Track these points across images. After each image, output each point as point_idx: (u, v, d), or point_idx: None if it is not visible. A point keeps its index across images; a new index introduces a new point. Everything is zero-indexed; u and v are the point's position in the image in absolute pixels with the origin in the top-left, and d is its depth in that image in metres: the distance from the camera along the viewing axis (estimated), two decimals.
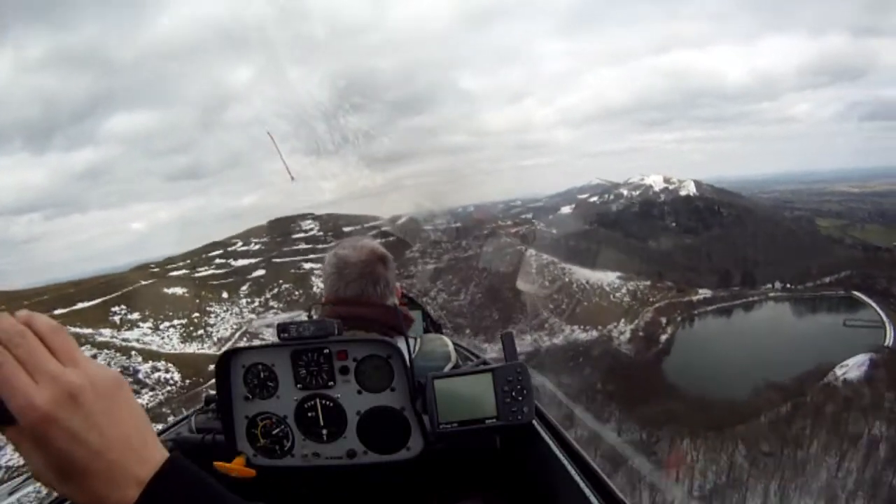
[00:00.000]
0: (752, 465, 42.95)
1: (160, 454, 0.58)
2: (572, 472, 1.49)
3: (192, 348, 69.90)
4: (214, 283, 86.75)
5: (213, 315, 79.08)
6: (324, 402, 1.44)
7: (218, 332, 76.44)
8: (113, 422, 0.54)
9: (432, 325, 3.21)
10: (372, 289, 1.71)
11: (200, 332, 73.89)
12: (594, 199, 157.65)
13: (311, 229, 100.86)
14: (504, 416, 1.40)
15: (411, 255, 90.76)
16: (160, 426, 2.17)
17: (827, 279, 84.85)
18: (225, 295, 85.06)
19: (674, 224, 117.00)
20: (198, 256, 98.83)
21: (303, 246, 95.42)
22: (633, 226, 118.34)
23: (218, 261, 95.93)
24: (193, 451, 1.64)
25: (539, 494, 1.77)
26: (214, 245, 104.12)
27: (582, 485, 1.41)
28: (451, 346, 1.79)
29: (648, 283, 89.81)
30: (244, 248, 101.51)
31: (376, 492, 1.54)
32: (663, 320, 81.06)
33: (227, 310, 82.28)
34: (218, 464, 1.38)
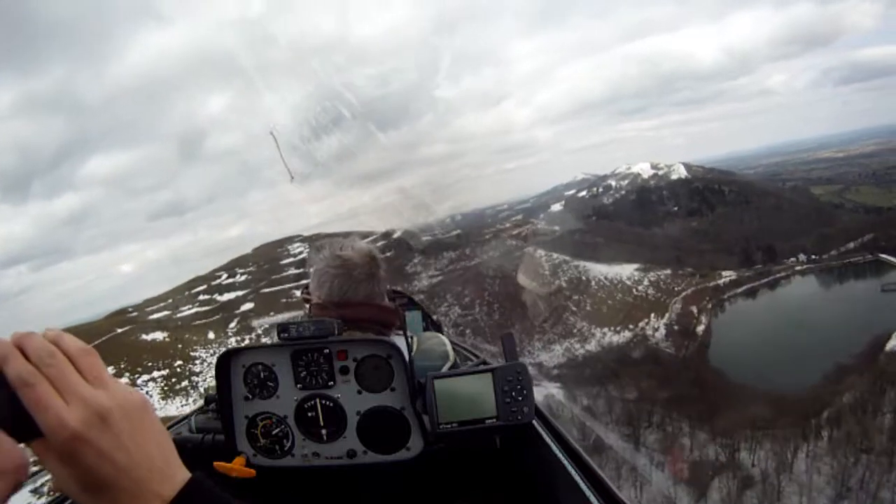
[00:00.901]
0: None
1: (182, 474, 0.60)
2: (572, 472, 1.48)
3: (175, 406, 60.08)
4: (199, 322, 77.85)
5: (198, 361, 68.93)
6: (324, 402, 1.44)
7: (205, 380, 66.12)
8: (139, 442, 0.56)
9: (432, 325, 2.88)
10: (377, 289, 1.71)
11: (184, 383, 64.05)
12: (583, 193, 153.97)
13: (301, 252, 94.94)
14: (504, 416, 1.40)
15: (413, 269, 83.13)
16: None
17: (851, 244, 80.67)
18: (211, 335, 74.89)
19: (675, 208, 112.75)
20: (180, 294, 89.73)
21: (293, 271, 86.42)
22: (634, 214, 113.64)
23: (202, 297, 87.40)
24: (193, 451, 1.66)
25: (539, 494, 1.75)
26: (197, 280, 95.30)
27: (582, 485, 1.41)
28: (448, 346, 1.77)
29: (668, 271, 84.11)
30: (229, 280, 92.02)
31: (376, 492, 1.55)
32: (694, 309, 75.18)
33: (215, 353, 71.92)
34: (218, 464, 1.38)
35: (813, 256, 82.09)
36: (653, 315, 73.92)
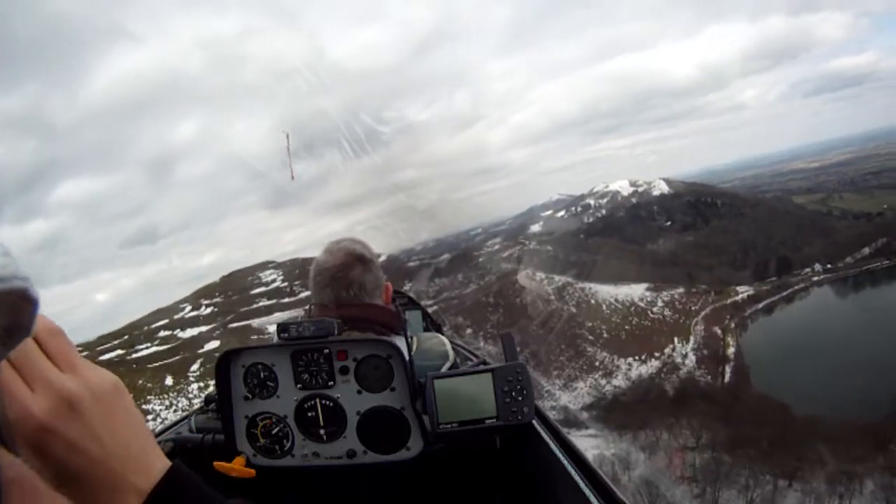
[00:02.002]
0: None
1: (161, 463, 0.56)
2: (572, 472, 1.48)
3: None
4: (156, 364, 65.12)
5: (150, 416, 55.11)
6: (324, 402, 1.43)
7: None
8: (112, 430, 0.52)
9: (432, 325, 2.83)
10: (345, 293, 1.64)
11: None
12: (561, 213, 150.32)
13: (274, 280, 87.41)
14: (504, 417, 1.39)
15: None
16: (160, 426, 2.11)
17: (865, 250, 76.52)
18: (169, 381, 60.88)
19: (668, 223, 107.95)
20: (138, 330, 77.10)
21: (265, 302, 76.08)
22: (626, 230, 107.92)
23: (162, 333, 74.79)
24: (193, 451, 1.66)
25: (539, 494, 1.75)
26: (159, 313, 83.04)
27: (582, 485, 1.41)
28: (448, 346, 1.73)
29: (681, 289, 77.40)
30: (193, 313, 79.28)
31: (376, 492, 1.54)
32: (717, 330, 68.15)
33: (172, 404, 57.51)
34: (218, 464, 1.38)
35: (828, 265, 77.21)
36: (676, 340, 66.22)
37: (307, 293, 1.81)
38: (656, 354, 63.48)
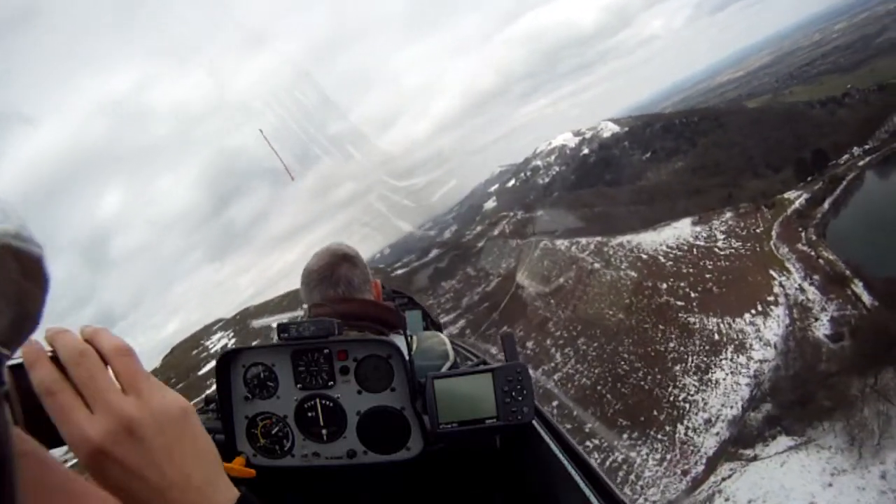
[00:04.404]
0: None
1: (226, 494, 0.53)
2: (572, 472, 1.47)
3: None
4: None
5: None
6: (324, 402, 1.42)
7: None
8: (174, 458, 0.49)
9: (432, 325, 2.78)
10: (332, 291, 1.65)
11: None
12: (511, 182, 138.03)
13: (226, 346, 61.65)
14: (504, 416, 1.37)
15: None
16: None
17: (890, 125, 66.68)
18: None
19: (648, 154, 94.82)
20: None
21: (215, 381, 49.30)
22: (607, 176, 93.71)
23: None
24: None
25: (539, 494, 1.75)
26: None
27: (582, 485, 1.40)
28: (448, 345, 1.72)
29: (730, 213, 61.96)
30: None
31: (376, 492, 1.54)
32: (806, 248, 53.11)
33: None
34: None
35: (866, 147, 66.24)
36: (774, 273, 49.88)
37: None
38: (769, 299, 46.73)
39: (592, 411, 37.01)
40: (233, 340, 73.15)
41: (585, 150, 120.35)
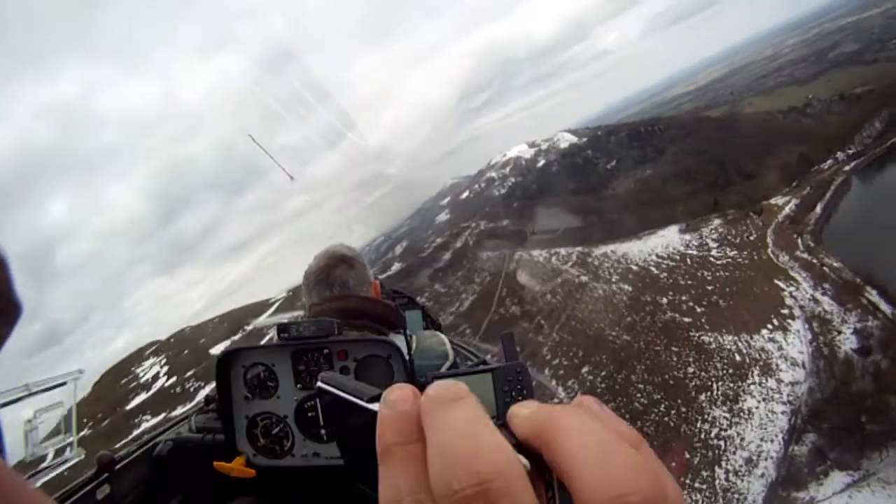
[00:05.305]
0: None
1: None
2: None
3: None
4: None
5: None
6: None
7: None
8: None
9: (432, 325, 2.67)
10: (328, 292, 1.66)
11: None
12: (465, 194, 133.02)
13: (157, 376, 63.68)
14: (504, 416, 1.41)
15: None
16: (160, 427, 1.99)
17: (871, 130, 65.39)
18: None
19: (612, 164, 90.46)
20: None
21: (148, 421, 45.08)
22: (574, 185, 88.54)
23: None
24: (193, 451, 1.67)
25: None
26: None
27: None
28: (448, 345, 1.71)
29: (719, 220, 57.30)
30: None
31: (376, 492, 1.61)
32: (805, 255, 48.62)
33: None
34: (218, 464, 1.38)
35: (849, 151, 64.27)
36: (780, 283, 44.72)
37: (209, 390, 1.72)
38: (783, 312, 41.18)
39: None
40: (164, 368, 69.93)
41: (542, 162, 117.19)
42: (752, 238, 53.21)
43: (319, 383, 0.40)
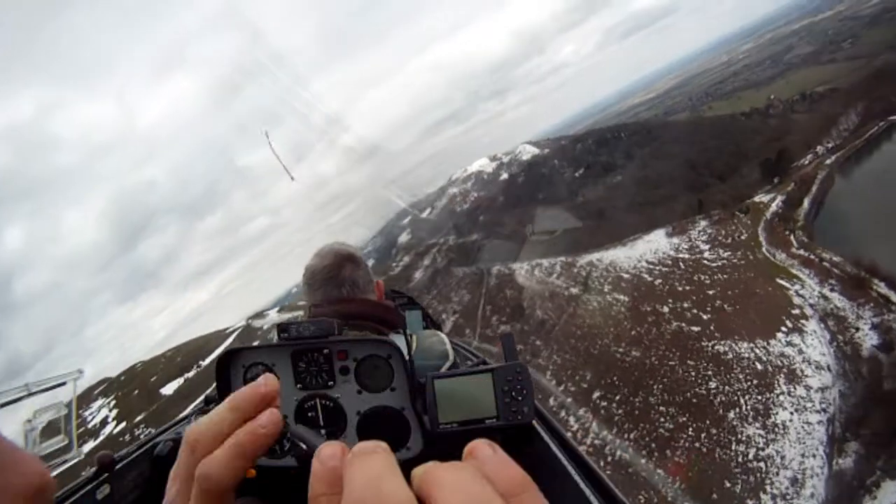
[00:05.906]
0: None
1: None
2: (572, 472, 1.47)
3: None
4: None
5: None
6: (324, 402, 1.40)
7: None
8: None
9: (432, 325, 2.60)
10: (337, 292, 1.65)
11: None
12: (427, 212, 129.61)
13: (105, 420, 62.83)
14: (504, 417, 1.34)
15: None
16: (160, 427, 1.98)
17: (849, 123, 65.90)
18: None
19: (580, 172, 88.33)
20: None
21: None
22: (539, 194, 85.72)
23: None
24: None
25: None
26: None
27: (582, 485, 1.40)
28: (448, 345, 1.70)
29: (705, 222, 54.64)
30: None
31: None
32: (802, 252, 46.14)
33: None
34: None
35: (829, 145, 63.96)
36: (784, 282, 41.73)
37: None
38: (794, 312, 37.90)
39: (646, 498, 24.45)
40: (114, 412, 67.34)
41: (504, 174, 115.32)
42: (743, 237, 50.57)
43: (290, 433, 0.50)
